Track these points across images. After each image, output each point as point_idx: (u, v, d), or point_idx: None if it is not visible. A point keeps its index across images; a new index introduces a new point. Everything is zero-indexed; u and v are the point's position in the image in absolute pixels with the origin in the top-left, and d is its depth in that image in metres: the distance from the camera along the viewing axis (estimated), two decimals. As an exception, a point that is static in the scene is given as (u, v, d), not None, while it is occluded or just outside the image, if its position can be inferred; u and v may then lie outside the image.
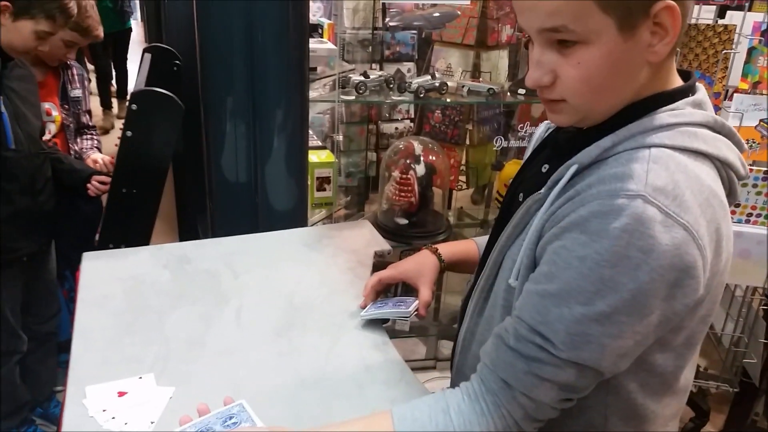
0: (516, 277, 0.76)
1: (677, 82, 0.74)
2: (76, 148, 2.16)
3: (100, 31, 1.96)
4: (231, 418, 0.85)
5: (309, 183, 1.92)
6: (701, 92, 0.75)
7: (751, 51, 1.71)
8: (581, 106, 0.72)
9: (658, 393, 0.77)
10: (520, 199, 0.83)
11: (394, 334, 1.16)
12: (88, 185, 1.93)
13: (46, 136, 1.99)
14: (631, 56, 0.68)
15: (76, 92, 2.12)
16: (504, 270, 0.81)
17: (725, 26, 1.80)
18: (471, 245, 1.13)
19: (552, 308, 0.68)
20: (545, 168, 0.81)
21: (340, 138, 2.44)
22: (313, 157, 1.97)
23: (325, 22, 2.62)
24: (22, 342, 1.90)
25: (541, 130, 0.93)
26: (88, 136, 2.19)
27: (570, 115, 0.74)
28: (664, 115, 0.70)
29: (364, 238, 1.46)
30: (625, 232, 0.63)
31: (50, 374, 2.10)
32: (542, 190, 0.75)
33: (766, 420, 2.09)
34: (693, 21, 1.84)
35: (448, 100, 2.21)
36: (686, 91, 0.73)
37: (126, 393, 0.89)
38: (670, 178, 0.65)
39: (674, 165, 0.67)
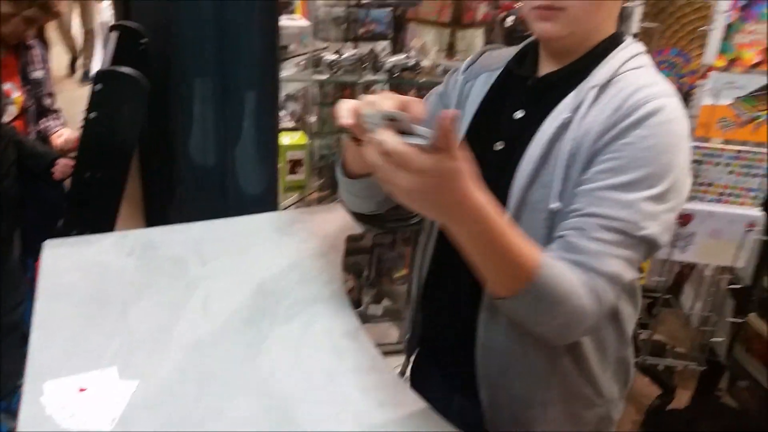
0: (558, 199, 0.83)
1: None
2: (40, 128, 2.09)
3: (61, 7, 1.89)
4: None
5: (281, 166, 1.88)
6: None
7: (729, 27, 1.70)
8: (577, 17, 0.84)
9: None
10: (497, 148, 0.91)
11: (366, 319, 1.15)
12: (54, 168, 1.86)
13: (6, 119, 1.91)
14: None
15: (38, 73, 2.04)
16: (534, 203, 0.86)
17: (703, 2, 1.79)
18: None
19: (624, 195, 0.78)
20: (520, 114, 0.91)
21: (314, 119, 2.39)
22: (285, 139, 1.93)
23: (297, -2, 2.55)
24: (-14, 332, 1.85)
25: (458, 84, 1.01)
26: (53, 117, 2.12)
27: (562, 25, 0.84)
28: (633, 46, 0.89)
29: (337, 223, 1.43)
30: (670, 123, 0.80)
31: (14, 367, 2.04)
32: (566, 114, 0.84)
33: (729, 395, 2.14)
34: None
35: (423, 80, 2.17)
36: (622, 32, 0.93)
37: (86, 389, 0.86)
38: (669, 84, 0.85)
39: (662, 78, 0.86)
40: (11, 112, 1.95)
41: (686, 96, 1.83)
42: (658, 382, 2.14)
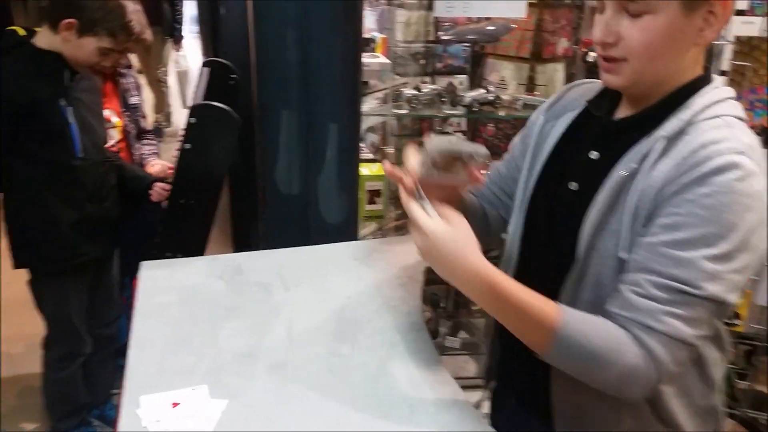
0: (627, 249, 0.83)
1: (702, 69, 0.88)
2: (136, 155, 2.23)
3: (149, 35, 1.98)
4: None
5: (360, 196, 1.93)
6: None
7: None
8: (638, 68, 0.83)
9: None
10: (573, 188, 0.92)
11: (443, 350, 1.14)
12: (150, 191, 1.98)
13: (110, 143, 2.06)
14: (685, 34, 0.81)
15: (135, 99, 2.19)
16: (602, 250, 0.86)
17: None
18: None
19: (683, 254, 0.77)
20: (595, 155, 0.91)
21: (392, 150, 2.44)
22: (364, 170, 1.98)
23: (378, 36, 2.63)
24: (86, 344, 1.97)
25: (539, 125, 1.03)
26: (146, 142, 2.26)
27: (625, 76, 0.84)
28: (715, 92, 0.85)
29: (416, 254, 1.44)
30: (739, 181, 0.76)
31: (109, 377, 2.17)
32: (634, 164, 0.83)
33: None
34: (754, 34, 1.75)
35: (502, 113, 2.17)
36: (710, 76, 0.88)
37: (179, 404, 0.90)
38: (748, 140, 0.80)
39: (742, 130, 0.82)
40: (113, 136, 2.10)
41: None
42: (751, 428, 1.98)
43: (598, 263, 0.86)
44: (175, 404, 0.91)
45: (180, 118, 5.04)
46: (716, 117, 0.82)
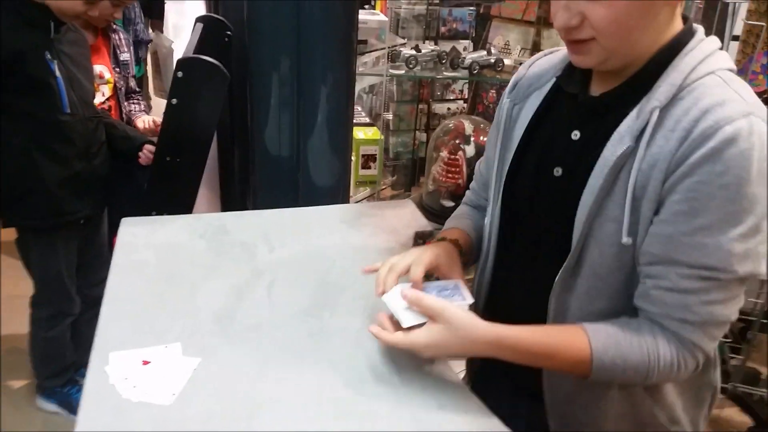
0: (628, 234, 0.77)
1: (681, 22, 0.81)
2: (125, 111, 2.19)
3: None
4: (446, 289, 0.89)
5: (354, 160, 1.88)
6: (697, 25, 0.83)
7: None
8: (609, 46, 0.76)
9: None
10: (557, 174, 0.85)
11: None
12: (140, 153, 1.94)
13: (100, 99, 2.01)
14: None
15: (125, 56, 2.14)
16: (601, 237, 0.80)
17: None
18: (466, 235, 1.06)
19: (708, 240, 0.72)
20: (576, 135, 0.84)
21: (390, 116, 2.39)
22: (360, 133, 1.92)
23: (379, -6, 2.55)
24: (75, 305, 1.96)
25: (505, 109, 0.95)
26: (135, 101, 2.22)
27: (596, 55, 0.77)
28: (703, 46, 0.77)
29: (405, 219, 1.40)
30: (753, 149, 0.70)
31: (97, 337, 2.16)
32: (628, 143, 0.76)
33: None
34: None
35: (504, 78, 2.11)
36: (692, 27, 0.80)
37: (150, 362, 0.88)
38: (748, 93, 0.74)
39: (740, 85, 0.75)
40: (104, 93, 2.05)
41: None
42: (750, 412, 1.96)
43: (596, 252, 0.81)
44: (146, 362, 0.88)
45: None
46: (710, 73, 0.75)
